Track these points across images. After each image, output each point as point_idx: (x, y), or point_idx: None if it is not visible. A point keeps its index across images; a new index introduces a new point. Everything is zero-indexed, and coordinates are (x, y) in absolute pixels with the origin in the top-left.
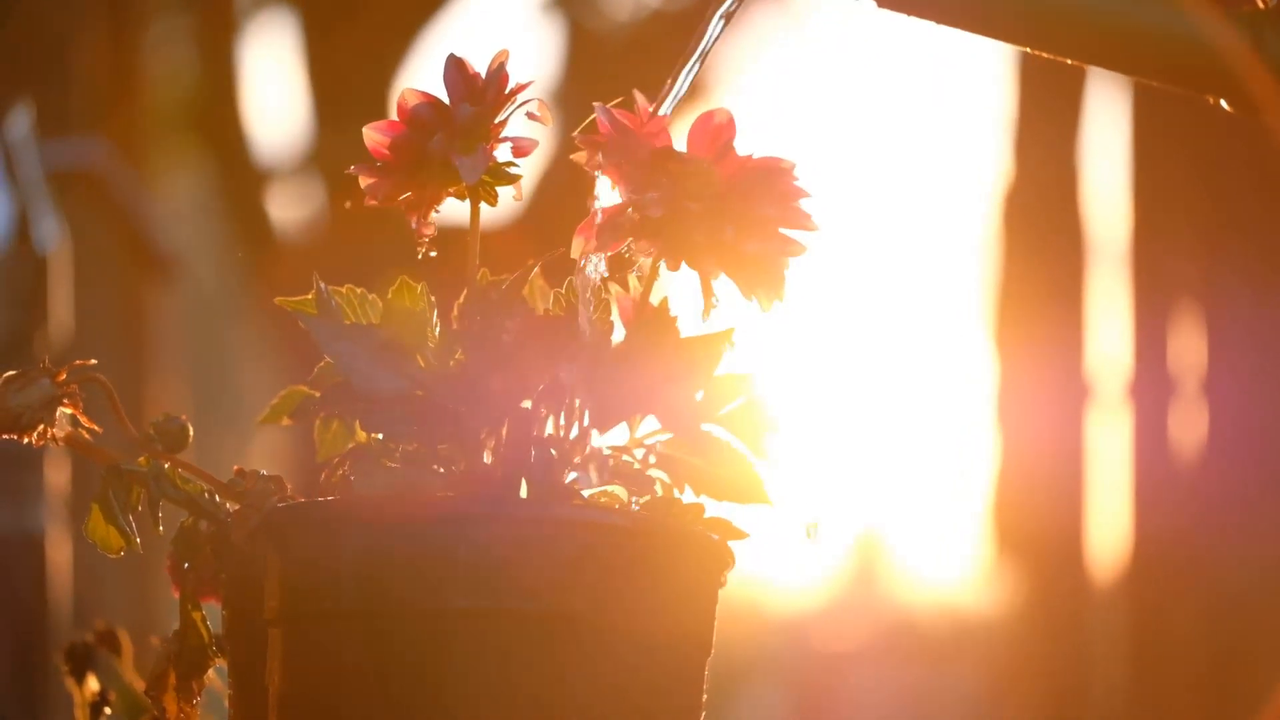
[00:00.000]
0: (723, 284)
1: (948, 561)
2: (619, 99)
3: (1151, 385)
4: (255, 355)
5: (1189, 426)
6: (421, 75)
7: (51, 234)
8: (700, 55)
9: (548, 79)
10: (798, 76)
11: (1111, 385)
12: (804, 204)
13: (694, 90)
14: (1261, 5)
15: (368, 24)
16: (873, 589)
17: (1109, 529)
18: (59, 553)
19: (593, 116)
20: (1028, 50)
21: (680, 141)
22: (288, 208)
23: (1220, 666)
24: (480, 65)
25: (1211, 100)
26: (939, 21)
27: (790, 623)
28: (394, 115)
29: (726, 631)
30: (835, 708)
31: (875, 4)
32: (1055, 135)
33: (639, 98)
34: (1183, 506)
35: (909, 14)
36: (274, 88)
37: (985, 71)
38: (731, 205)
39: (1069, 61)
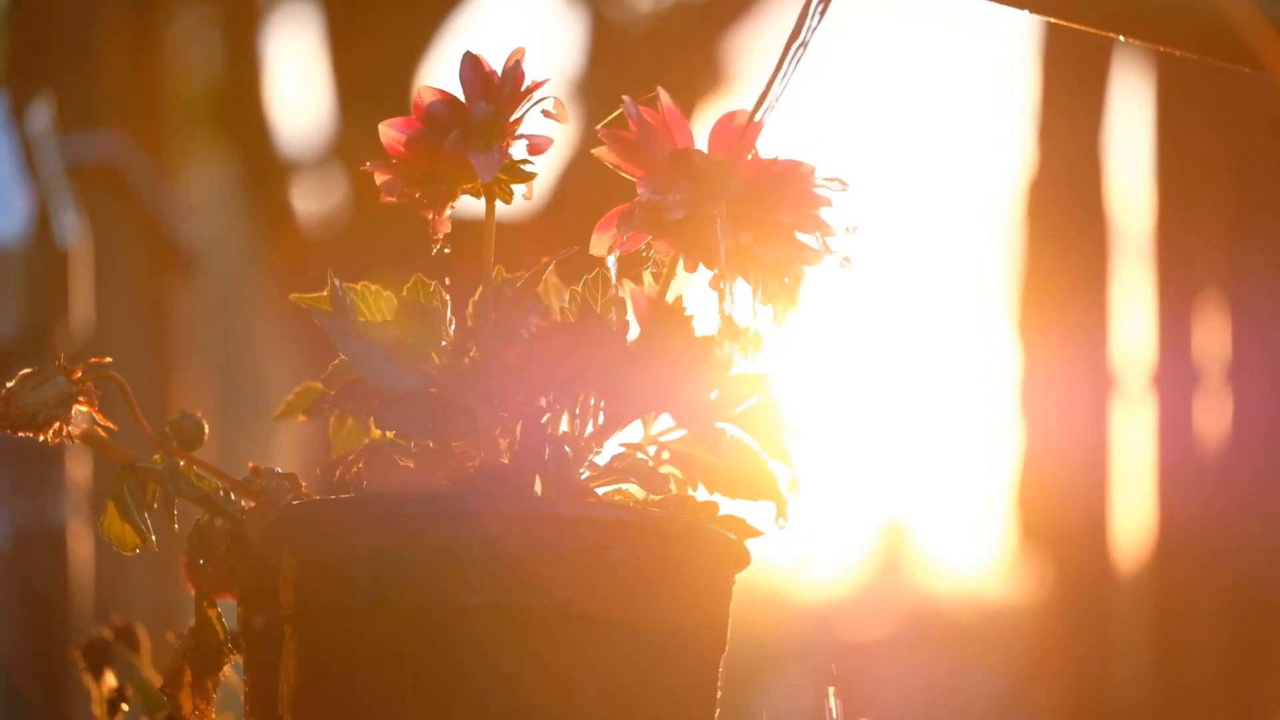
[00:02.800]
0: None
1: (973, 551)
2: (644, 93)
3: (1176, 374)
4: (277, 348)
5: (1213, 415)
6: (445, 67)
7: (72, 228)
8: (799, 47)
9: (571, 70)
10: (820, 67)
11: (1136, 374)
12: (824, 212)
13: (715, 84)
14: None
15: (391, 16)
16: (898, 578)
17: (1133, 518)
18: (80, 546)
19: (618, 111)
20: (1067, 24)
21: (702, 142)
22: (310, 200)
23: (1244, 654)
24: (497, 62)
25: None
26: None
27: (815, 612)
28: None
29: (751, 620)
30: (861, 696)
31: None
32: (1079, 123)
33: (663, 95)
34: (1207, 495)
35: None
36: (296, 80)
37: (1009, 60)
38: (751, 209)
39: (1119, 38)
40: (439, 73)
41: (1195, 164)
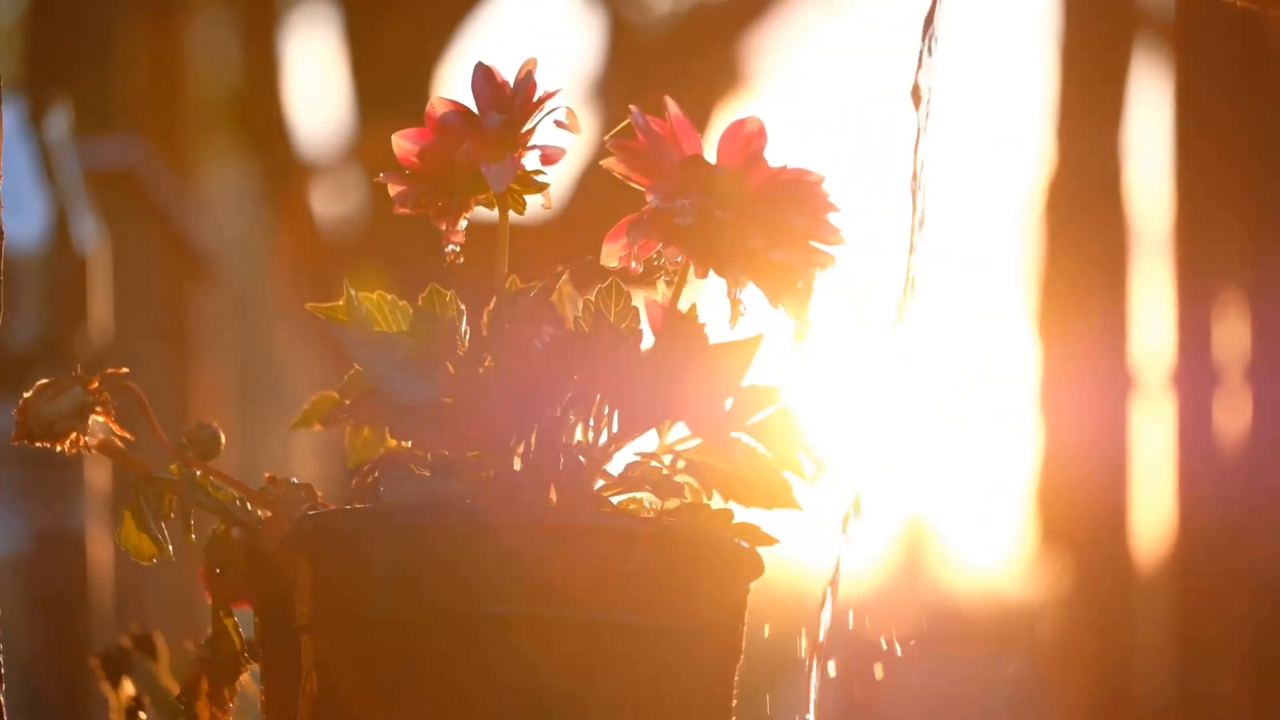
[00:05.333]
0: (751, 292)
1: (993, 550)
2: (661, 96)
3: (1195, 373)
4: (297, 352)
5: (1233, 414)
6: (463, 69)
7: (90, 233)
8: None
9: (588, 72)
10: (838, 64)
11: (1156, 373)
12: (833, 217)
13: (733, 85)
14: None
15: (409, 17)
16: (918, 577)
17: (1153, 517)
18: (100, 551)
19: (625, 122)
20: None
21: (711, 149)
22: (329, 204)
23: (1265, 653)
24: (509, 73)
25: None
26: None
27: (835, 610)
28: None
29: (771, 619)
30: (880, 695)
31: None
32: (1098, 123)
33: (670, 105)
34: (1227, 494)
35: None
36: (315, 83)
37: (1028, 59)
38: (760, 214)
39: None
40: (457, 74)
41: (1215, 162)
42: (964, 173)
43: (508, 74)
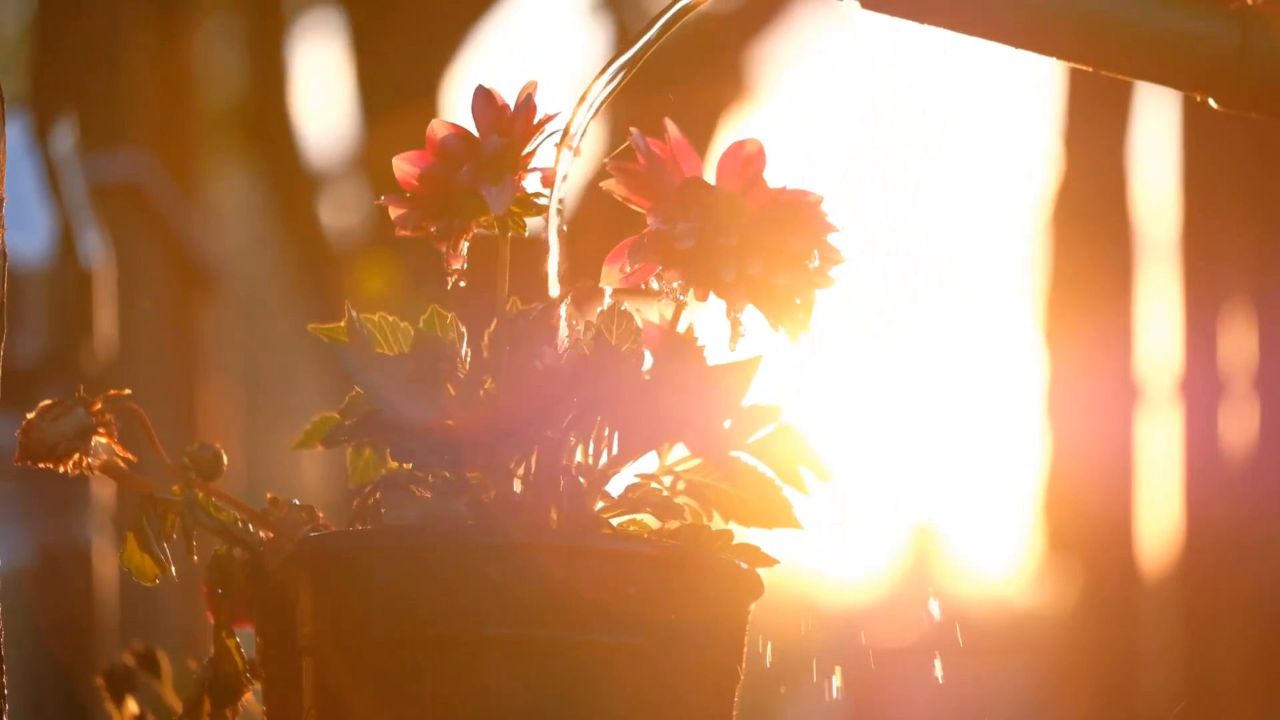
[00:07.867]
0: (751, 314)
1: (1001, 558)
2: (666, 104)
3: (1202, 382)
4: (304, 365)
5: (1239, 421)
6: (469, 79)
7: (96, 248)
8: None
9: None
10: (843, 76)
11: (1162, 382)
12: (832, 238)
13: (738, 94)
14: (1249, 1)
15: (415, 28)
16: (926, 585)
17: (1159, 525)
18: (105, 564)
19: (625, 144)
20: (1017, 49)
21: (711, 172)
22: (337, 215)
23: (1271, 659)
24: (510, 95)
25: (1199, 98)
26: (925, 22)
27: (843, 618)
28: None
29: (779, 627)
30: (888, 703)
31: (860, 4)
32: (1105, 133)
33: (670, 127)
34: (1233, 503)
35: (894, 14)
36: (322, 95)
37: (1035, 69)
38: (760, 238)
39: (1058, 60)
40: (463, 85)
41: (1221, 170)
42: (971, 180)
43: (508, 96)
